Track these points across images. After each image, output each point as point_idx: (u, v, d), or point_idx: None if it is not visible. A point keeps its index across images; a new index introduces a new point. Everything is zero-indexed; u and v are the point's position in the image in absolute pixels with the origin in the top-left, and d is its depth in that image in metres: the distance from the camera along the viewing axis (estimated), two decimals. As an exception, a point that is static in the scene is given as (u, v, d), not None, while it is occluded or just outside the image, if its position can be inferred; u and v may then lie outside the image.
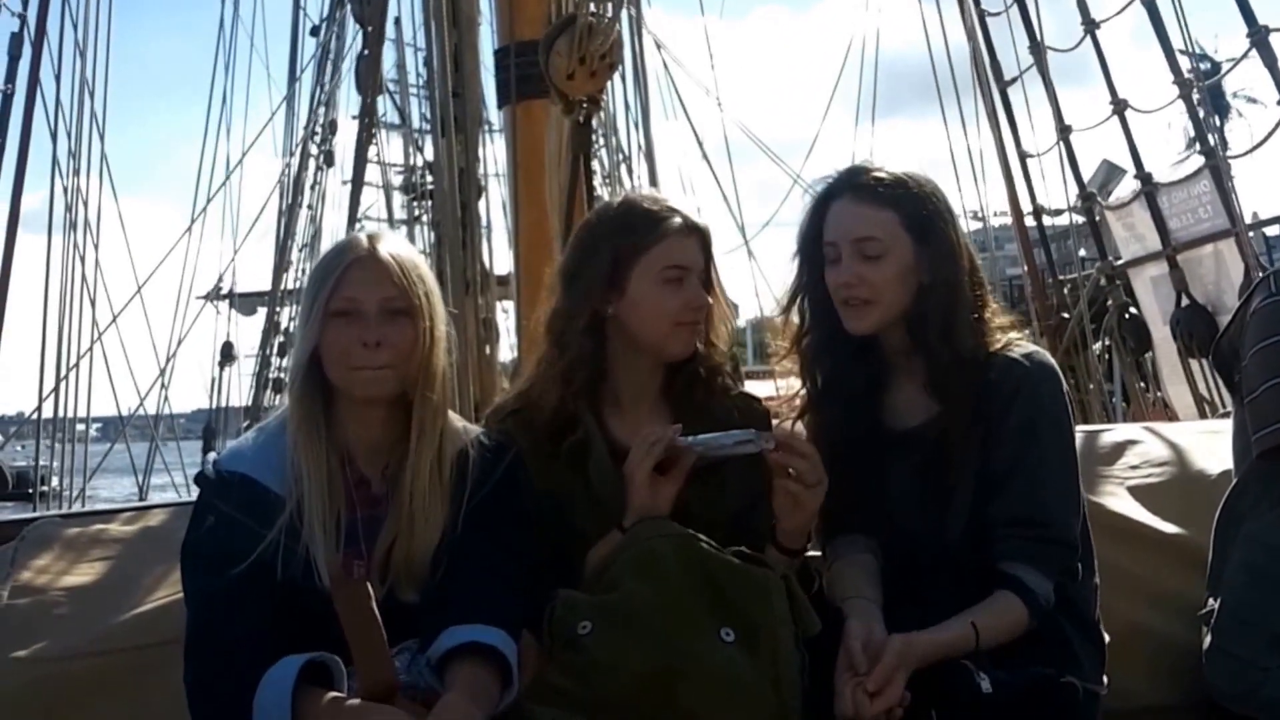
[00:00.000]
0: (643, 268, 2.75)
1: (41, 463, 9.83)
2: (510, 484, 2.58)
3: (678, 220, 2.77)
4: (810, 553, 2.89)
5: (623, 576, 2.52)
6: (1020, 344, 2.73)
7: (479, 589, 2.42)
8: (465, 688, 2.28)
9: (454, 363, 2.59)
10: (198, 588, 2.42)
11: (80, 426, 9.86)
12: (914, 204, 2.68)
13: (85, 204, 9.37)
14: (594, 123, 5.79)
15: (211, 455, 2.55)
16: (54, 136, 8.84)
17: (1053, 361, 2.74)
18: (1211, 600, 2.95)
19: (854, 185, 2.73)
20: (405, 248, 2.53)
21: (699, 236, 2.79)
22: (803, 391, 2.90)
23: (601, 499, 2.72)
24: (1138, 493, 3.43)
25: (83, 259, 9.23)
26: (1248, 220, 8.83)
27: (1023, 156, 9.98)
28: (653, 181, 10.22)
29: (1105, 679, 2.77)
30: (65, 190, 9.11)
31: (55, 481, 10.37)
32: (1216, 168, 7.73)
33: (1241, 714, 2.81)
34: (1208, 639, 2.92)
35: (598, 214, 2.96)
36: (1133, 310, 9.07)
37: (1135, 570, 3.21)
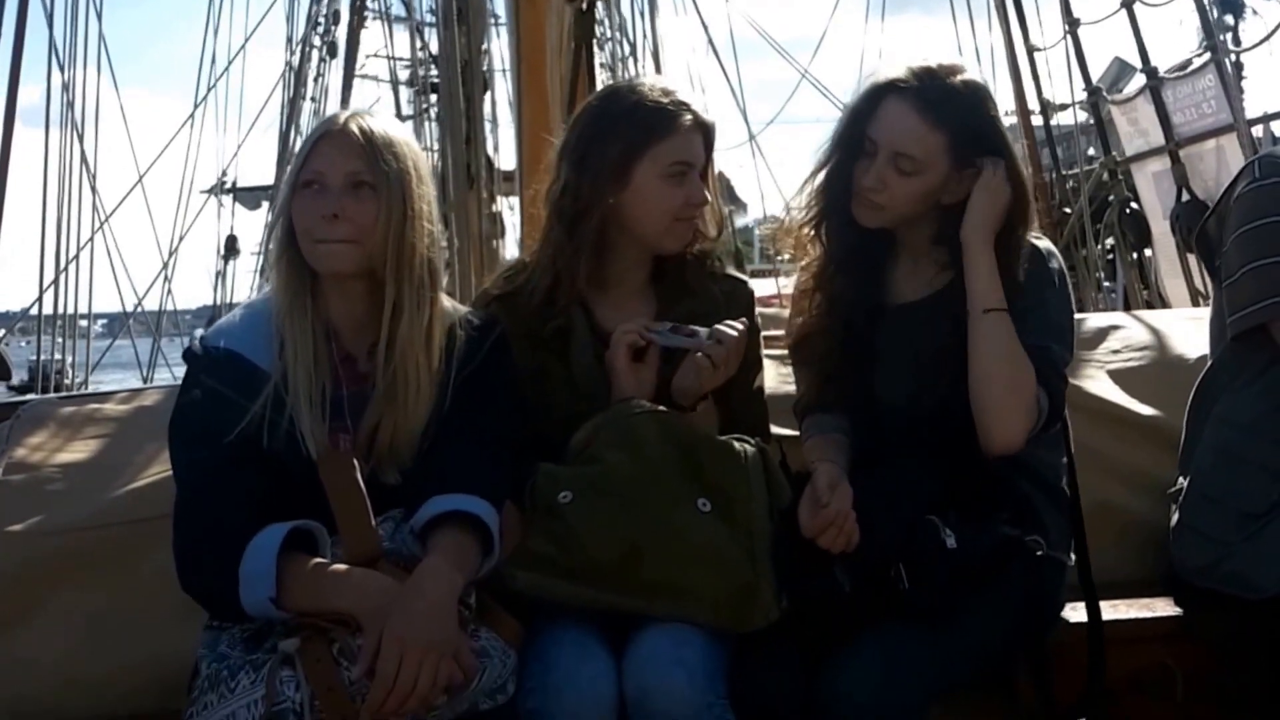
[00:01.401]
0: (649, 161, 2.76)
1: (44, 358, 9.86)
2: (496, 361, 2.62)
3: (688, 116, 2.78)
4: (785, 431, 2.98)
5: (603, 450, 2.60)
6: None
7: (463, 461, 2.48)
8: (446, 553, 2.35)
9: (454, 250, 2.61)
10: (185, 460, 2.47)
11: (84, 322, 9.86)
12: (965, 133, 2.70)
13: (83, 92, 9.29)
14: (598, 14, 5.75)
15: (198, 332, 2.60)
16: (50, 20, 8.73)
17: (1050, 246, 2.82)
18: (1181, 479, 3.01)
19: (918, 91, 2.71)
20: (384, 125, 2.52)
21: (704, 133, 2.82)
22: (814, 265, 2.93)
23: (581, 382, 2.78)
24: (1117, 376, 3.50)
25: (83, 146, 9.16)
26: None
27: (1030, 51, 9.93)
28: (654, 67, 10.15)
29: (1073, 555, 2.85)
30: (62, 69, 9.02)
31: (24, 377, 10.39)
32: (1221, 62, 7.69)
33: (1204, 588, 2.88)
34: (1175, 516, 2.98)
35: (607, 99, 2.93)
36: (1134, 205, 9.08)
37: (1111, 451, 3.29)
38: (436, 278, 2.54)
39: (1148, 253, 9.36)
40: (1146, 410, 3.41)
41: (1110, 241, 9.50)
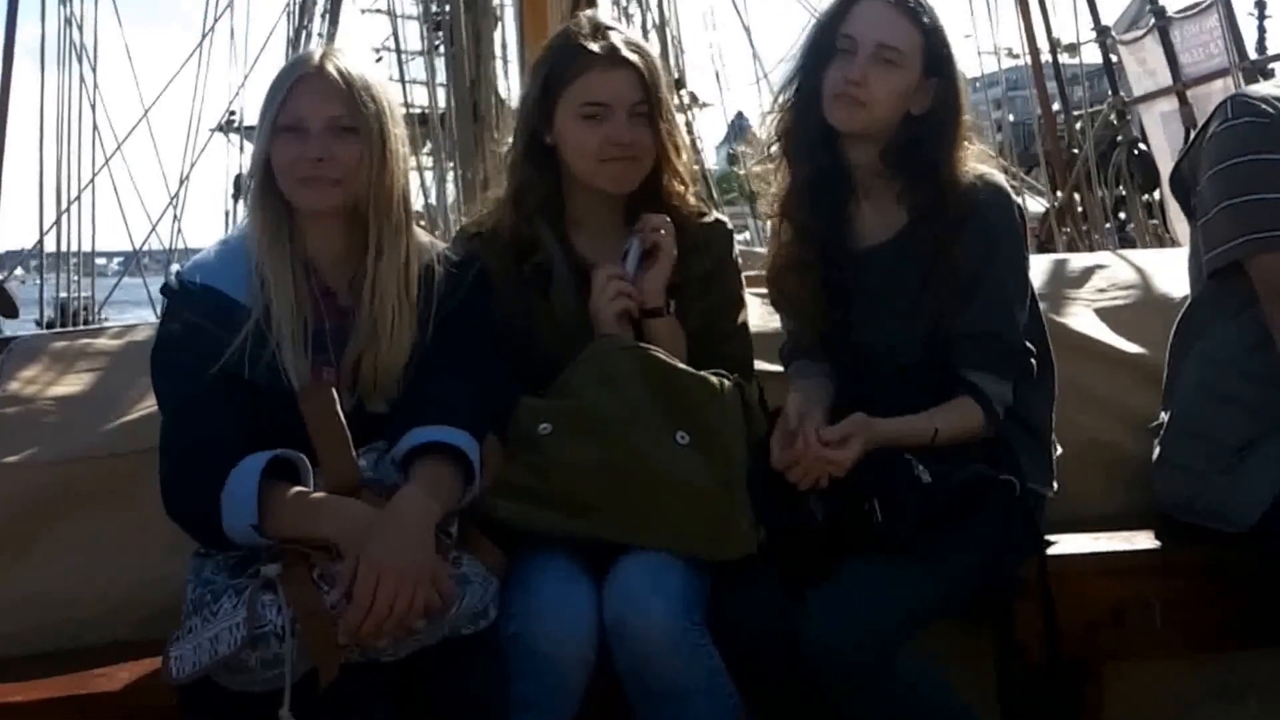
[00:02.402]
0: (564, 102, 2.77)
1: (65, 295, 9.93)
2: (475, 296, 2.66)
3: (596, 54, 2.75)
4: (768, 367, 3.02)
5: (582, 385, 2.64)
6: (976, 167, 2.80)
7: (444, 394, 2.52)
8: (425, 482, 2.40)
9: (460, 187, 2.63)
10: (168, 391, 2.52)
11: (100, 260, 9.88)
12: (936, 37, 2.74)
13: (81, 27, 9.29)
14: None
15: (174, 267, 2.64)
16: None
17: (1003, 182, 2.82)
18: (1163, 414, 3.05)
19: None
20: (358, 65, 2.56)
21: (630, 70, 2.76)
22: (781, 193, 2.92)
23: (563, 318, 2.80)
24: (1103, 314, 3.53)
25: (83, 79, 9.17)
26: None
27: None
28: (663, 17, 10.10)
29: (1055, 485, 2.89)
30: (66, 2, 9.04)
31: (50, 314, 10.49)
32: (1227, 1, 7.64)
33: (1184, 521, 2.93)
34: (1157, 450, 3.02)
35: (550, 39, 2.97)
36: (1142, 146, 9.04)
37: (1096, 387, 3.32)
38: (410, 212, 2.60)
39: (1158, 195, 9.33)
40: (1131, 347, 3.44)
41: (1117, 190, 9.47)
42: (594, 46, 2.75)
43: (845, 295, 2.86)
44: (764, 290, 3.20)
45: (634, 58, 2.76)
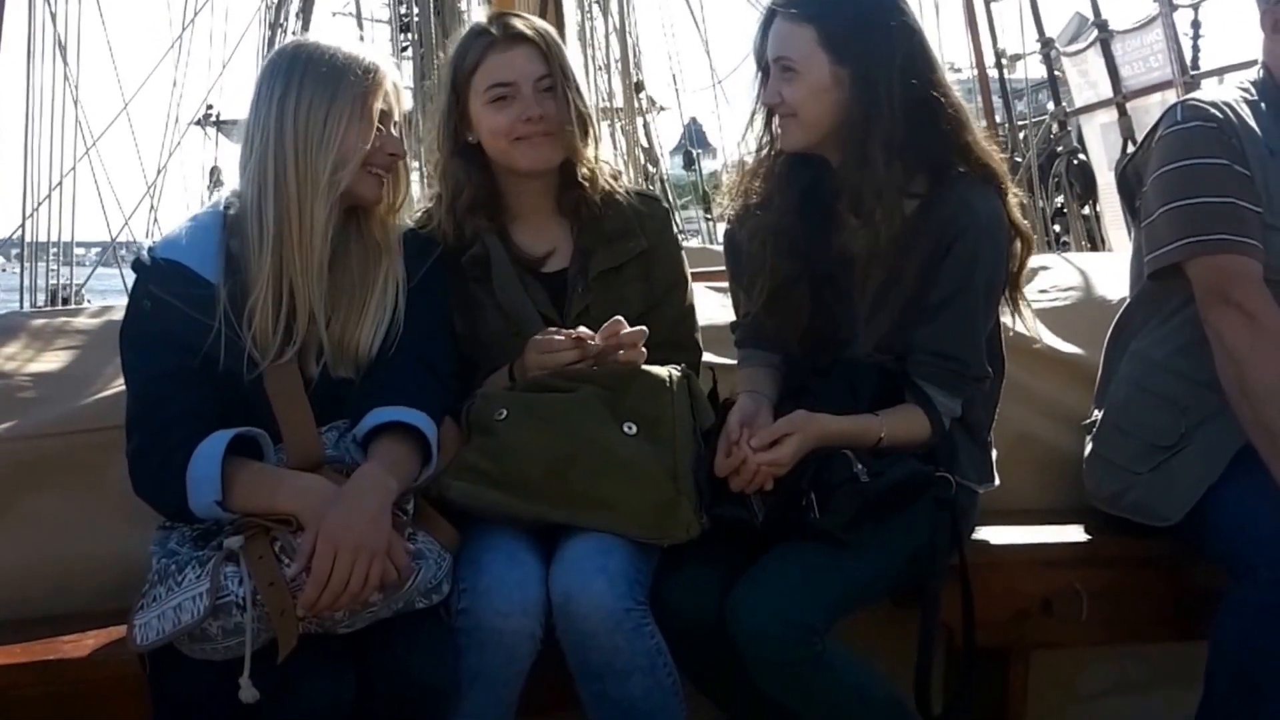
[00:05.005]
0: (473, 92, 2.84)
1: (55, 282, 10.00)
2: (435, 279, 2.73)
3: (493, 37, 2.82)
4: (720, 360, 3.08)
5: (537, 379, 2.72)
6: (979, 189, 2.76)
7: (405, 375, 2.59)
8: (384, 460, 2.46)
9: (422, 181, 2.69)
10: (135, 367, 2.56)
11: (80, 250, 9.96)
12: (836, 20, 2.71)
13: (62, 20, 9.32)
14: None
15: (145, 243, 2.67)
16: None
17: (1003, 214, 2.79)
18: (1096, 411, 3.13)
19: (783, 3, 2.77)
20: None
21: (528, 46, 2.82)
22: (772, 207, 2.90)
23: (507, 309, 2.87)
24: (1043, 315, 3.55)
25: (68, 79, 9.22)
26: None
27: (987, 1, 10.00)
28: (624, 23, 10.19)
29: (996, 480, 2.97)
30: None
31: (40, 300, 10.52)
32: (1167, 15, 7.79)
33: (1112, 514, 3.02)
34: (1089, 446, 3.11)
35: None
36: (1081, 157, 9.19)
37: (1031, 385, 3.39)
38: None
39: (1098, 207, 9.49)
40: (1068, 348, 3.51)
41: (1059, 200, 9.62)
42: (492, 30, 2.83)
43: (817, 294, 2.86)
44: (719, 284, 3.27)
45: (530, 33, 2.83)
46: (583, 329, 2.70)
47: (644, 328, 2.70)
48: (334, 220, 2.57)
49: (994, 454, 3.00)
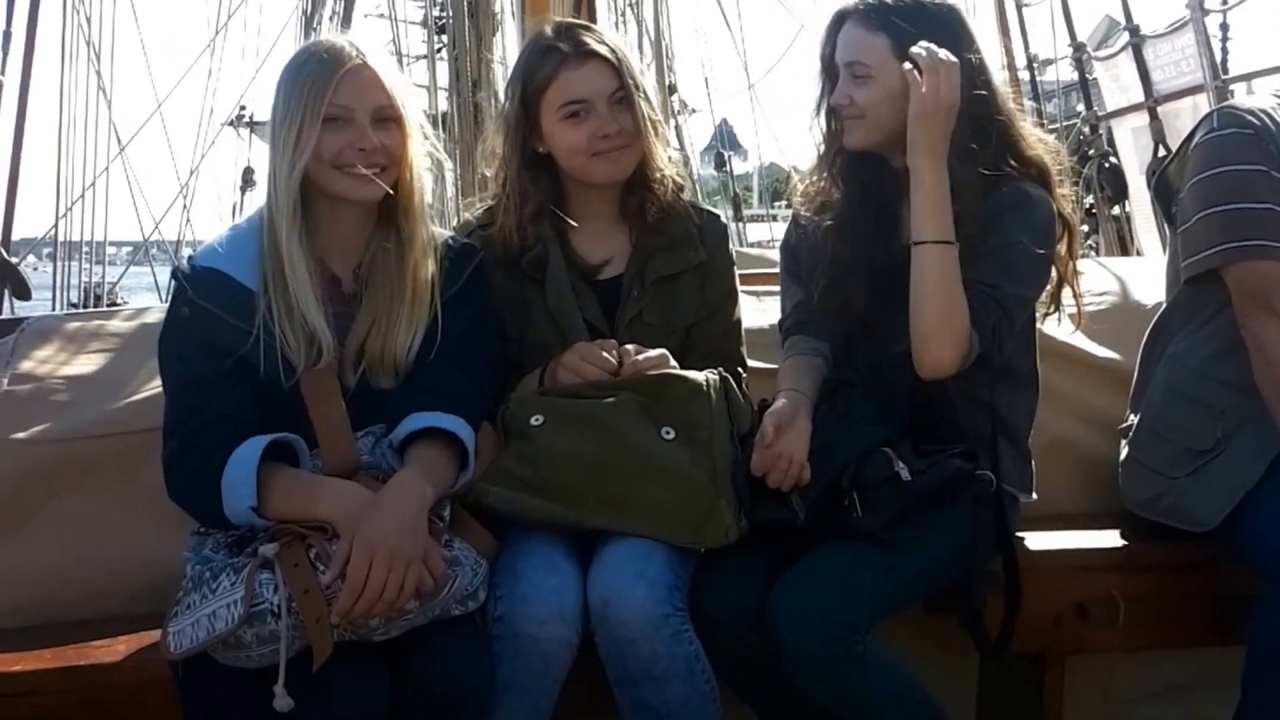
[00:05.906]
0: (545, 107, 2.84)
1: (88, 280, 10.12)
2: (475, 286, 2.72)
3: (565, 53, 2.83)
4: (757, 364, 3.08)
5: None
6: (1029, 185, 2.80)
7: (442, 381, 2.58)
8: (420, 465, 2.46)
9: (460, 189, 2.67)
10: (173, 374, 2.56)
11: (111, 250, 10.08)
12: (907, 31, 2.75)
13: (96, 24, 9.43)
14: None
15: (185, 252, 2.68)
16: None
17: (1053, 207, 2.83)
18: (1132, 415, 3.12)
19: (856, 9, 2.82)
20: (388, 56, 2.66)
21: (599, 61, 2.83)
22: (825, 200, 2.97)
23: (556, 314, 2.88)
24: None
25: (100, 78, 9.31)
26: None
27: (1019, 4, 9.98)
28: (658, 27, 10.22)
29: (1035, 494, 2.97)
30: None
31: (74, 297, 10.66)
32: (1199, 20, 7.75)
33: (1149, 520, 3.01)
34: (1125, 451, 3.10)
35: (520, 53, 3.04)
36: (1113, 160, 9.16)
37: (1067, 390, 3.39)
38: (425, 202, 2.67)
39: (1127, 208, 9.47)
40: (1104, 353, 3.50)
41: (1088, 201, 9.59)
42: (562, 46, 2.83)
43: (889, 293, 2.84)
44: (750, 288, 3.27)
45: (601, 49, 2.84)
46: (629, 352, 2.74)
47: (666, 353, 2.76)
48: (366, 224, 2.61)
49: (1034, 466, 2.99)
